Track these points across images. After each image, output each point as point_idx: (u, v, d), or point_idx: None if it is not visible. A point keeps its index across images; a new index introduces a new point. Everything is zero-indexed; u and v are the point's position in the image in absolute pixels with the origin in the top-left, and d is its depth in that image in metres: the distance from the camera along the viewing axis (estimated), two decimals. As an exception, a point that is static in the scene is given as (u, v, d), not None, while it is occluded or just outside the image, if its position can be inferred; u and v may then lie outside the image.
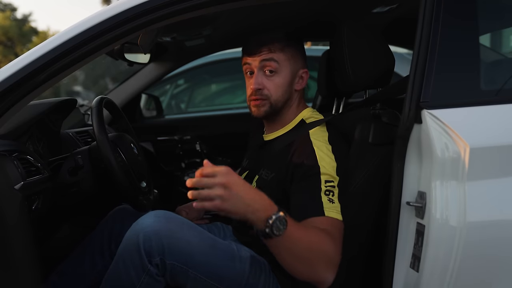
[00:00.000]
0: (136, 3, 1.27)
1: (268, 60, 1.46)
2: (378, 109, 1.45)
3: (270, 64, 1.46)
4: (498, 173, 1.18)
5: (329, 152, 1.37)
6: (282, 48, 1.47)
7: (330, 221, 1.27)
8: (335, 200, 1.30)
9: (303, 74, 1.53)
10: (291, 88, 1.50)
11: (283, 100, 1.49)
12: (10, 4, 21.61)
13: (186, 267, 1.30)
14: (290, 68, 1.49)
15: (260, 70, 1.48)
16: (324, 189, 1.31)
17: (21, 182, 1.36)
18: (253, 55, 1.48)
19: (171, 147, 3.08)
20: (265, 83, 1.47)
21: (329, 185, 1.32)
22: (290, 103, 1.52)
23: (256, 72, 1.48)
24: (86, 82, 17.02)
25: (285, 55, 1.48)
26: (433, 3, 1.24)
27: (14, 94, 1.25)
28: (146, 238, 1.28)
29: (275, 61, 1.46)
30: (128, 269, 1.31)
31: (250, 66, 1.49)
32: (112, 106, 1.86)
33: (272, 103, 1.48)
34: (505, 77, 1.33)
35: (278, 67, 1.47)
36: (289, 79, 1.49)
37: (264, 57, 1.46)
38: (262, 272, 1.38)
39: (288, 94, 1.50)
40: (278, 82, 1.47)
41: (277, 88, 1.47)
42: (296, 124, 1.52)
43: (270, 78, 1.47)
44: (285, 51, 1.48)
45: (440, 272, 1.17)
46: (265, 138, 1.58)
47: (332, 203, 1.29)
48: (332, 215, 1.28)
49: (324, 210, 1.28)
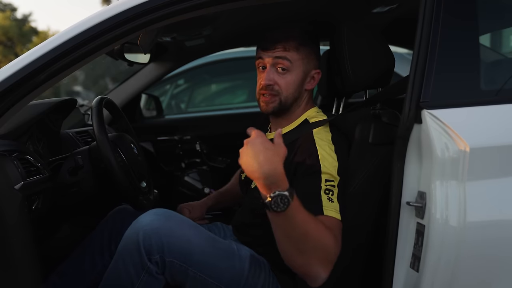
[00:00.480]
0: (136, 3, 1.27)
1: (282, 58, 1.45)
2: (378, 109, 1.45)
3: (283, 62, 1.45)
4: (498, 173, 1.18)
5: (331, 152, 1.37)
6: (296, 47, 1.46)
7: (329, 219, 1.27)
8: (334, 199, 1.30)
9: (315, 74, 1.51)
10: (302, 87, 1.50)
11: (292, 98, 1.48)
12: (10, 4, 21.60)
13: (186, 265, 1.31)
14: (302, 68, 1.48)
15: (273, 67, 1.47)
16: (324, 188, 1.31)
17: (21, 182, 1.36)
18: (267, 51, 1.47)
19: (171, 147, 3.07)
20: (277, 80, 1.46)
21: (329, 184, 1.31)
22: (299, 102, 1.51)
23: (268, 68, 1.47)
24: (86, 82, 17.01)
25: (299, 55, 1.46)
26: (433, 3, 1.24)
27: (14, 94, 1.25)
28: (146, 236, 1.29)
29: (288, 60, 1.45)
30: (127, 267, 1.31)
31: (263, 61, 1.48)
32: (112, 106, 1.86)
33: (282, 100, 1.47)
34: (505, 77, 1.33)
35: (291, 66, 1.46)
36: (300, 78, 1.48)
37: (278, 54, 1.45)
38: (261, 272, 1.39)
39: (298, 93, 1.49)
40: (290, 80, 1.47)
41: (288, 86, 1.47)
42: (300, 122, 1.52)
43: (282, 75, 1.46)
44: (299, 50, 1.46)
45: (440, 272, 1.17)
46: (268, 136, 1.58)
47: (331, 202, 1.29)
48: (331, 214, 1.28)
49: (323, 209, 1.28)
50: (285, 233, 1.19)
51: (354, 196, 1.35)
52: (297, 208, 1.16)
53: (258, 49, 1.51)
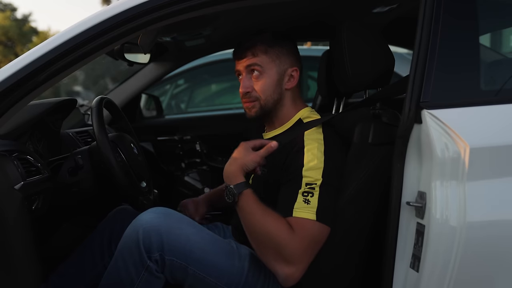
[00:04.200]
0: (136, 3, 1.27)
1: (252, 65, 1.49)
2: (378, 109, 1.45)
3: (255, 68, 1.49)
4: (498, 173, 1.18)
5: (319, 153, 1.37)
6: (265, 50, 1.49)
7: (296, 220, 1.30)
8: (313, 201, 1.31)
9: (292, 72, 1.52)
10: (280, 88, 1.51)
11: (272, 101, 1.50)
12: (10, 4, 21.62)
13: (185, 263, 1.31)
14: (275, 69, 1.50)
15: (248, 74, 1.50)
16: (302, 190, 1.33)
17: (21, 182, 1.36)
18: (239, 60, 1.52)
19: (171, 147, 3.08)
20: (253, 85, 1.50)
21: (309, 187, 1.33)
22: (282, 102, 1.52)
23: (244, 75, 1.51)
24: (86, 82, 17.00)
25: (269, 57, 1.49)
26: (433, 3, 1.24)
27: (14, 94, 1.25)
28: (146, 234, 1.30)
29: (258, 64, 1.48)
30: (127, 266, 1.32)
31: (238, 70, 1.53)
32: (112, 106, 1.86)
33: (262, 104, 1.50)
34: (505, 77, 1.33)
35: (263, 70, 1.48)
36: (275, 79, 1.50)
37: (248, 62, 1.49)
38: (261, 271, 1.39)
39: (277, 94, 1.50)
40: (265, 83, 1.49)
41: (264, 89, 1.49)
42: (294, 123, 1.52)
43: (257, 79, 1.49)
44: (268, 53, 1.49)
45: (440, 272, 1.17)
46: (264, 137, 1.59)
47: (307, 204, 1.31)
48: (302, 215, 1.30)
49: (293, 211, 1.31)
50: (244, 225, 1.33)
51: (354, 196, 1.35)
52: (247, 203, 1.31)
53: (233, 59, 1.55)
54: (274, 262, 1.28)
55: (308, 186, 1.33)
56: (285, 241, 1.27)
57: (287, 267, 1.27)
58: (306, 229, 1.29)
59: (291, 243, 1.27)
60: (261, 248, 1.31)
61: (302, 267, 1.28)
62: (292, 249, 1.26)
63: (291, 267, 1.27)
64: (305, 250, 1.28)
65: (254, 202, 1.31)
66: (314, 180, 1.34)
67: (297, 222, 1.29)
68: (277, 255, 1.27)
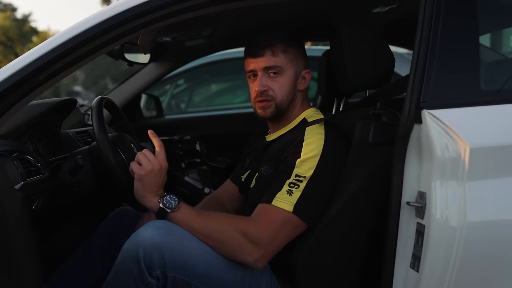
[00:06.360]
0: (136, 3, 1.27)
1: (272, 67, 1.47)
2: (378, 109, 1.45)
3: (274, 67, 1.47)
4: (498, 173, 1.18)
5: (317, 150, 1.37)
6: (284, 49, 1.47)
7: (271, 209, 1.32)
8: (296, 193, 1.32)
9: (305, 74, 1.53)
10: (295, 89, 1.51)
11: (287, 101, 1.50)
12: (10, 4, 21.56)
13: (188, 279, 1.27)
14: (293, 69, 1.49)
15: (265, 72, 1.48)
16: (290, 181, 1.34)
17: (21, 182, 1.36)
18: (256, 57, 1.48)
19: (171, 147, 3.07)
20: (270, 85, 1.48)
21: (297, 179, 1.34)
22: (294, 103, 1.52)
23: (260, 74, 1.48)
24: (86, 82, 17.00)
25: (288, 57, 1.48)
26: (433, 3, 1.24)
27: (14, 94, 1.24)
28: (146, 252, 1.24)
29: (278, 67, 1.47)
30: (127, 281, 1.26)
31: (254, 68, 1.49)
32: (112, 106, 1.86)
33: (278, 104, 1.49)
34: (505, 77, 1.33)
35: (282, 69, 1.47)
36: (292, 80, 1.49)
37: (267, 63, 1.46)
38: (263, 275, 1.37)
39: (292, 95, 1.50)
40: (283, 83, 1.48)
41: (282, 89, 1.48)
42: (298, 123, 1.52)
43: (274, 79, 1.48)
44: (287, 53, 1.48)
45: (440, 272, 1.17)
46: (267, 138, 1.59)
47: (289, 195, 1.32)
48: (280, 205, 1.32)
49: (274, 199, 1.33)
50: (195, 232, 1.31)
51: (354, 196, 1.35)
52: (182, 211, 1.31)
53: (246, 56, 1.52)
54: (240, 253, 1.29)
55: (297, 177, 1.34)
56: (247, 223, 1.30)
57: (255, 249, 1.28)
58: (278, 218, 1.31)
59: (255, 225, 1.30)
60: (219, 246, 1.31)
61: (271, 250, 1.30)
62: (257, 230, 1.29)
63: (260, 249, 1.28)
64: (273, 234, 1.30)
65: (186, 213, 1.32)
66: (304, 173, 1.34)
67: (272, 210, 1.31)
68: (240, 246, 1.28)
